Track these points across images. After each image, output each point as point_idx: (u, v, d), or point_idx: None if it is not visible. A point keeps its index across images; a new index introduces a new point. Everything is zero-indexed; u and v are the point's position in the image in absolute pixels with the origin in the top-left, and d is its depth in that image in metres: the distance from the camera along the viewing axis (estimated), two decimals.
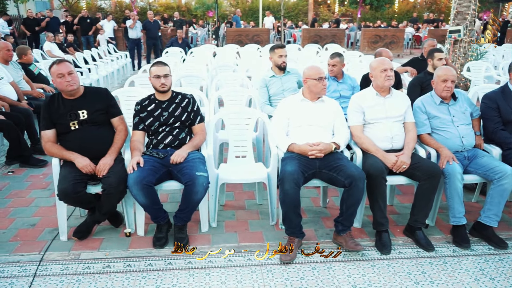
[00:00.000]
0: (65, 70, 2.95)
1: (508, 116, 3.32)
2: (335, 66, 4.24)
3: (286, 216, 2.91)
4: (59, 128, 3.02)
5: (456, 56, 7.88)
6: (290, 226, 2.92)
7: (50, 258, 2.83)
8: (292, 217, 2.88)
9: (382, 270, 2.72)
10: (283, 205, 2.87)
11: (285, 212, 2.89)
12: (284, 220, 2.95)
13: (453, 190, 3.00)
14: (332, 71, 4.26)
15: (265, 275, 2.66)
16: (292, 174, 2.83)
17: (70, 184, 2.80)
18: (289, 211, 2.86)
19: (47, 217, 3.38)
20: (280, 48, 4.29)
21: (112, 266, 2.75)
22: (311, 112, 3.18)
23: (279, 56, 4.27)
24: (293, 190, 2.80)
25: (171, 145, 3.13)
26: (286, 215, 2.90)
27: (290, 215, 2.88)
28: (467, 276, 2.66)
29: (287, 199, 2.82)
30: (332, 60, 4.26)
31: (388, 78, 3.14)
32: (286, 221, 2.93)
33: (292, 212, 2.86)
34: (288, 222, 2.92)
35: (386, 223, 3.02)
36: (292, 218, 2.89)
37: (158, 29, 12.49)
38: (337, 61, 4.24)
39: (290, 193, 2.79)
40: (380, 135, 3.18)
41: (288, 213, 2.87)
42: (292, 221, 2.90)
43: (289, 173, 2.84)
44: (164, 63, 3.20)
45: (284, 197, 2.82)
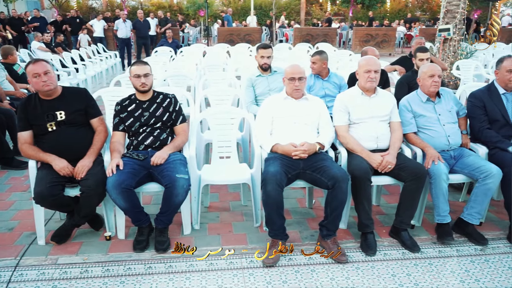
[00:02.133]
0: (40, 70, 2.87)
1: (494, 115, 3.28)
2: (314, 63, 4.19)
3: (269, 218, 2.85)
4: (36, 129, 2.94)
5: (445, 55, 7.89)
6: (273, 228, 2.86)
7: (26, 263, 2.75)
8: (275, 219, 2.82)
9: (366, 273, 2.67)
10: (266, 206, 2.81)
11: (268, 214, 2.83)
12: (267, 222, 2.90)
13: (439, 190, 2.96)
14: (313, 68, 4.22)
15: (246, 279, 2.60)
16: (275, 175, 2.77)
17: (46, 186, 2.72)
18: (271, 213, 2.80)
19: (26, 221, 3.29)
20: (263, 48, 4.23)
21: (90, 271, 2.67)
22: (295, 110, 3.13)
23: (261, 57, 4.22)
24: (275, 192, 2.74)
25: (152, 146, 3.06)
26: (269, 216, 2.84)
27: (272, 217, 2.82)
28: (452, 278, 2.62)
29: (270, 200, 2.76)
30: (312, 57, 4.22)
31: (370, 80, 3.09)
32: (269, 223, 2.87)
33: (275, 214, 2.80)
34: (271, 224, 2.86)
35: (371, 224, 2.97)
36: (275, 220, 2.83)
37: (148, 28, 12.37)
38: (317, 59, 4.18)
39: (272, 194, 2.74)
40: (366, 134, 3.13)
41: (271, 215, 2.81)
42: (275, 223, 2.84)
43: (271, 174, 2.78)
44: (144, 62, 3.13)
45: (267, 199, 2.77)
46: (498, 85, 3.35)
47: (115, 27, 11.68)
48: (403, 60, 5.78)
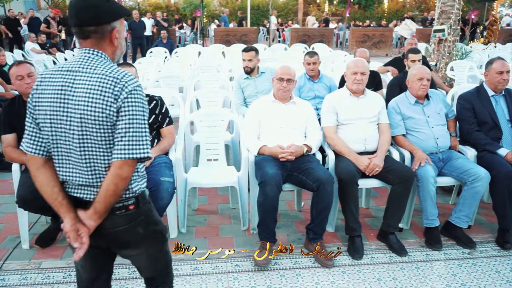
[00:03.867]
0: (24, 72, 2.84)
1: (483, 117, 3.26)
2: (315, 64, 4.17)
3: (262, 221, 2.81)
4: (20, 132, 2.89)
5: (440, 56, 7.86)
6: (265, 230, 2.83)
7: (9, 268, 2.72)
8: (269, 221, 2.79)
9: (352, 277, 2.65)
10: (261, 208, 2.77)
11: (262, 216, 2.80)
12: (259, 224, 2.86)
13: (426, 193, 2.94)
14: (313, 70, 4.18)
15: (231, 283, 2.58)
16: (274, 177, 2.74)
17: (29, 190, 2.67)
18: (266, 215, 2.77)
19: (12, 224, 3.26)
20: (245, 51, 4.17)
21: (73, 275, 2.64)
22: (282, 114, 3.11)
23: (243, 60, 4.18)
24: (274, 194, 2.71)
25: None
26: (263, 219, 2.80)
27: (267, 220, 2.79)
28: (439, 282, 2.60)
29: (267, 202, 2.72)
30: (311, 58, 4.17)
31: (357, 82, 3.07)
32: (261, 225, 2.84)
33: (270, 217, 2.78)
34: (263, 226, 2.82)
35: (358, 228, 2.94)
36: (269, 223, 2.80)
37: (144, 29, 12.34)
38: (316, 59, 4.18)
39: (271, 196, 2.70)
40: (354, 136, 3.11)
41: (265, 218, 2.78)
42: (268, 226, 2.81)
43: (271, 175, 2.74)
44: (129, 64, 3.11)
45: (265, 200, 2.73)
46: (487, 87, 3.32)
47: None
48: (396, 61, 5.75)
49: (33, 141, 1.55)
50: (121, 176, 1.46)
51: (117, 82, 1.44)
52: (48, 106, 1.48)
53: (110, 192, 1.46)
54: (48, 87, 1.49)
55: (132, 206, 1.58)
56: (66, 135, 1.48)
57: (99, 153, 1.49)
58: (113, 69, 1.47)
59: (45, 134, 1.53)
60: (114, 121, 1.45)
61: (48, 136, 1.52)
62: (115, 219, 1.55)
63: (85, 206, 1.52)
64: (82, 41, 1.50)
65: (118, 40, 1.54)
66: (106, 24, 1.48)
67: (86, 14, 1.44)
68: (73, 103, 1.45)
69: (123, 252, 1.71)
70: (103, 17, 1.47)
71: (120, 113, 1.44)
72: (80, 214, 1.51)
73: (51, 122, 1.49)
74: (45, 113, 1.49)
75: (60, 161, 1.55)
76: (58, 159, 1.55)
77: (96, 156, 1.49)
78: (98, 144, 1.47)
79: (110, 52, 1.54)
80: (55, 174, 1.57)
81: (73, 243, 1.49)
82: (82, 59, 1.49)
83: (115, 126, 1.45)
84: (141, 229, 1.63)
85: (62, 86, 1.46)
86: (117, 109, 1.44)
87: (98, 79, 1.44)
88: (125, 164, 1.45)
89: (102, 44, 1.51)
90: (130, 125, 1.44)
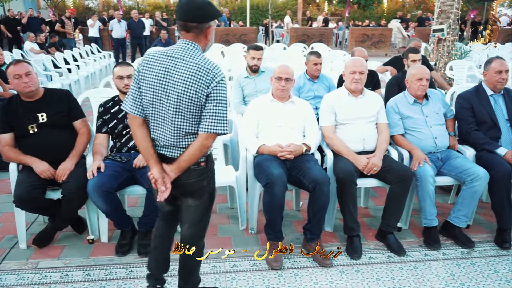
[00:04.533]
0: (22, 71, 2.83)
1: (482, 117, 3.25)
2: (321, 64, 4.20)
3: (271, 221, 2.79)
4: (17, 131, 2.90)
5: (440, 55, 7.86)
6: (274, 230, 2.81)
7: (6, 268, 2.71)
8: (278, 221, 2.79)
9: (350, 276, 2.64)
10: (270, 209, 2.75)
11: (271, 217, 2.78)
12: (267, 225, 2.83)
13: (425, 193, 2.93)
14: (319, 70, 4.21)
15: (229, 283, 2.57)
16: (281, 177, 2.73)
17: (26, 190, 2.69)
18: (276, 215, 2.76)
19: (9, 224, 3.24)
20: (255, 50, 4.17)
21: (70, 275, 2.64)
22: (281, 113, 3.10)
23: (252, 58, 4.16)
24: (281, 194, 2.71)
25: (135, 148, 3.01)
26: (271, 219, 2.79)
27: (276, 219, 2.78)
28: (437, 282, 2.59)
29: (276, 202, 2.71)
30: (319, 58, 4.21)
31: (355, 81, 3.06)
32: (270, 226, 2.81)
33: (279, 216, 2.77)
34: (272, 226, 2.81)
35: (357, 227, 2.94)
36: (277, 222, 2.79)
37: (143, 28, 12.33)
38: (321, 59, 4.20)
39: (279, 196, 2.70)
40: (352, 136, 3.10)
41: (274, 217, 2.77)
42: (277, 225, 2.80)
43: (277, 176, 2.73)
44: (127, 63, 3.10)
45: (273, 201, 2.71)
46: (486, 86, 3.32)
47: (109, 27, 11.64)
48: (396, 60, 5.74)
49: (136, 105, 1.94)
50: (206, 145, 1.89)
51: (209, 72, 1.82)
52: (152, 82, 1.87)
53: (195, 156, 1.90)
54: (154, 67, 1.87)
55: (203, 163, 2.00)
56: (163, 106, 1.88)
57: (186, 123, 1.88)
58: (206, 60, 1.85)
59: (145, 102, 1.92)
60: (203, 102, 1.84)
61: (147, 104, 1.91)
62: (189, 173, 1.96)
63: (168, 161, 1.94)
64: (184, 33, 1.89)
65: (210, 36, 1.94)
66: (205, 23, 1.88)
67: (192, 13, 1.85)
68: (173, 83, 1.84)
69: (188, 201, 2.06)
70: (205, 17, 1.87)
71: (209, 97, 1.83)
72: (165, 167, 1.93)
73: (153, 94, 1.88)
74: (148, 86, 1.88)
75: (154, 124, 1.95)
76: (152, 123, 1.95)
77: (183, 125, 1.88)
78: (186, 117, 1.87)
79: (203, 45, 1.93)
80: (149, 133, 1.98)
81: (160, 186, 1.91)
82: (183, 49, 1.87)
83: (203, 106, 1.85)
84: (205, 182, 2.04)
85: (165, 68, 1.85)
86: (207, 94, 1.83)
87: (195, 67, 1.82)
88: (210, 137, 1.87)
89: (200, 38, 1.90)
90: (216, 107, 1.84)
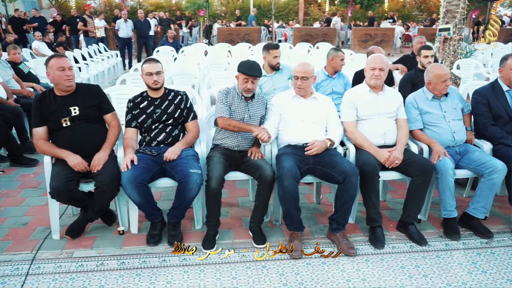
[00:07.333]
0: (66, 64, 2.94)
1: (498, 112, 3.36)
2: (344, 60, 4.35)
3: (287, 212, 2.91)
4: (51, 125, 2.99)
5: (446, 54, 7.97)
6: (292, 221, 2.92)
7: (42, 257, 2.80)
8: (294, 212, 2.89)
9: (376, 265, 2.74)
10: (284, 201, 2.87)
11: (286, 209, 2.89)
12: (285, 217, 2.95)
13: (445, 185, 3.03)
14: (344, 65, 4.39)
15: (259, 271, 2.66)
16: (290, 170, 2.83)
17: (62, 182, 2.77)
18: (290, 207, 2.87)
19: (39, 216, 3.34)
20: (275, 48, 4.28)
21: (105, 264, 2.73)
22: (304, 108, 3.19)
23: (274, 57, 4.26)
24: (292, 186, 2.80)
25: (164, 142, 3.11)
26: (287, 211, 2.90)
27: (291, 211, 2.88)
28: (460, 269, 2.69)
29: (288, 195, 2.82)
30: (344, 54, 4.40)
31: (375, 77, 3.16)
32: (287, 217, 2.93)
33: (293, 208, 2.87)
34: (289, 218, 2.92)
35: (379, 218, 3.03)
36: (294, 214, 2.90)
37: (149, 28, 12.41)
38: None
39: (289, 189, 2.80)
40: (373, 131, 3.19)
41: (289, 209, 2.88)
42: (294, 216, 2.90)
43: (287, 169, 2.84)
44: (156, 60, 3.18)
45: (284, 194, 2.82)
46: (502, 82, 3.42)
47: (116, 27, 11.71)
48: (405, 59, 5.84)
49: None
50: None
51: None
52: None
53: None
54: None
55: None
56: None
57: None
58: None
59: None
60: None
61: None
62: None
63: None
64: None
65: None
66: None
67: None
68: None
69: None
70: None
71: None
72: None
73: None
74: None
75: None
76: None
77: None
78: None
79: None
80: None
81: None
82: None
83: None
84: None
85: None
86: None
87: None
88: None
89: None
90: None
